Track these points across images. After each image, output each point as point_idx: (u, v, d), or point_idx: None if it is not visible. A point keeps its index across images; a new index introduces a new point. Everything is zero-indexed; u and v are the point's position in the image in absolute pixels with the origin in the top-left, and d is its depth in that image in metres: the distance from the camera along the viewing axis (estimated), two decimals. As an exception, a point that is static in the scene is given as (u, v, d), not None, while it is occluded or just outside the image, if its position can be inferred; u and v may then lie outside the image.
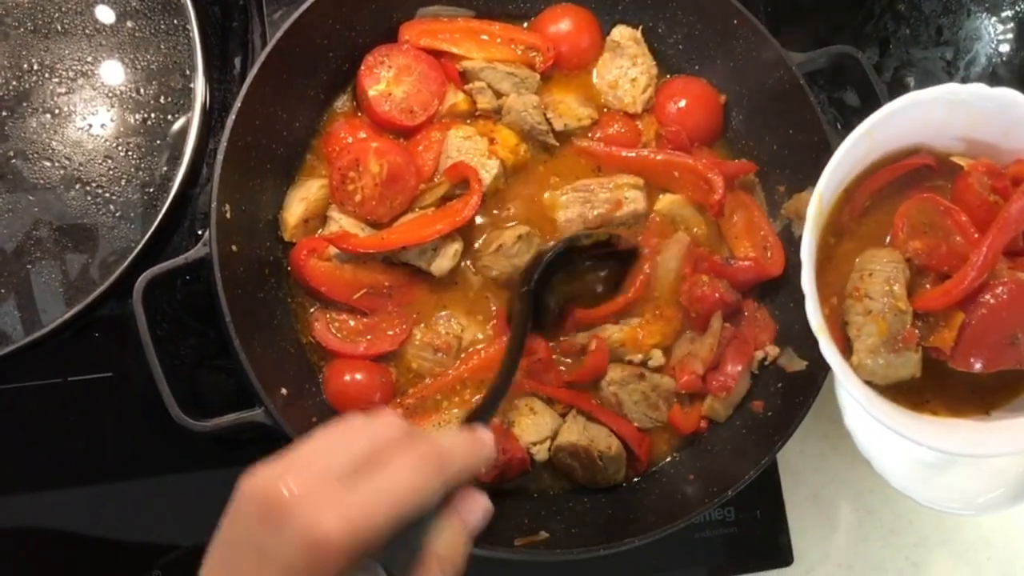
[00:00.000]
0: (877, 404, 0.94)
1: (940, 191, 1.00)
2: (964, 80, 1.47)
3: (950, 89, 0.95)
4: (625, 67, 1.34)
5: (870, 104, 1.27)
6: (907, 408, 0.97)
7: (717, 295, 1.22)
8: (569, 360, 1.26)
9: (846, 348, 0.98)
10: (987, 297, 0.91)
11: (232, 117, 1.13)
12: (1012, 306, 0.90)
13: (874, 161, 1.01)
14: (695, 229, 1.30)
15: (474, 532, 0.78)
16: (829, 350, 0.93)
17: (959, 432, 0.95)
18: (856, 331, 0.97)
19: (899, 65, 1.47)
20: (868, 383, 0.97)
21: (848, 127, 1.42)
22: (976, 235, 0.94)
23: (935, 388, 0.98)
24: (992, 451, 0.95)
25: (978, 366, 0.93)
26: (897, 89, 1.46)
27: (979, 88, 0.95)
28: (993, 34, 1.47)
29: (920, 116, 0.97)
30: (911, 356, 0.95)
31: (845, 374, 0.94)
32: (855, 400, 0.93)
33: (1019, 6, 1.47)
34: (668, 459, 1.28)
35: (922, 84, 1.47)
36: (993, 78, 1.47)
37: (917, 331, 0.94)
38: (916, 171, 1.02)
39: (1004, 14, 1.48)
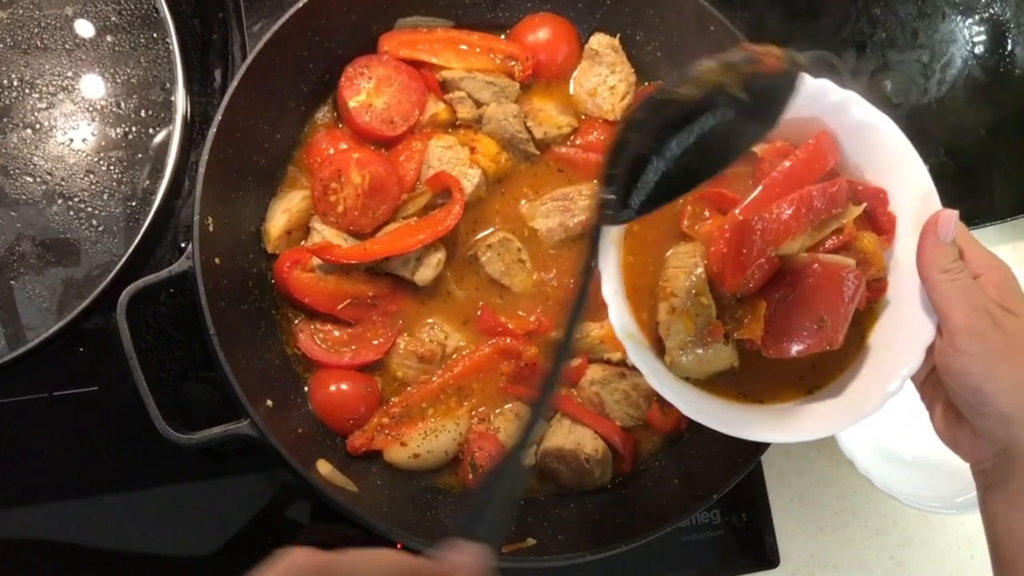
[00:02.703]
0: (692, 402, 0.94)
1: (740, 180, 0.99)
2: (940, 83, 1.48)
3: None
4: (604, 75, 1.35)
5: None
6: (732, 399, 0.97)
7: None
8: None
9: (662, 350, 0.98)
10: (788, 283, 0.91)
11: (213, 130, 1.13)
12: (815, 290, 0.90)
13: None
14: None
15: None
16: (635, 353, 0.93)
17: (781, 418, 0.95)
18: (665, 331, 0.96)
19: (876, 68, 1.48)
20: (688, 379, 0.97)
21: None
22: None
23: (756, 376, 0.98)
24: (809, 436, 0.94)
25: (790, 352, 0.92)
26: (874, 92, 1.47)
27: None
28: (968, 36, 1.49)
29: None
30: (722, 348, 0.96)
31: (655, 375, 0.94)
32: (668, 399, 0.93)
33: (993, 9, 1.48)
34: (653, 461, 1.28)
35: (899, 87, 1.49)
36: (968, 80, 1.48)
37: (723, 324, 0.95)
38: None
39: (978, 16, 1.49)
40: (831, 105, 0.95)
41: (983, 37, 1.49)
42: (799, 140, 0.97)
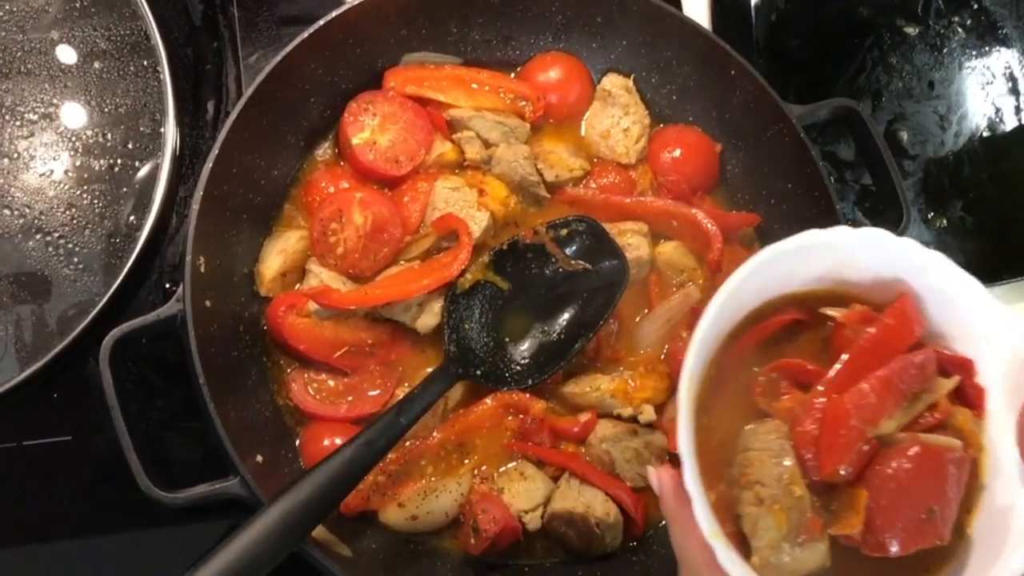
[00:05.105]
0: None
1: (814, 345, 0.89)
2: (957, 135, 1.45)
3: (811, 236, 0.86)
4: (617, 116, 1.31)
5: (869, 157, 1.24)
6: None
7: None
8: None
9: (742, 544, 0.83)
10: (890, 469, 0.80)
11: (208, 165, 1.08)
12: (920, 475, 0.80)
13: (740, 322, 0.89)
14: (694, 281, 1.26)
15: None
16: (727, 558, 0.77)
17: None
18: (751, 526, 0.83)
19: (892, 118, 1.45)
20: None
21: (842, 181, 1.41)
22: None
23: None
24: None
25: (894, 549, 0.80)
26: (891, 142, 1.43)
27: (842, 231, 0.86)
28: (985, 88, 1.46)
29: (784, 268, 0.87)
30: (816, 547, 0.82)
31: None
32: None
33: (1009, 61, 1.46)
34: (663, 524, 1.21)
35: (915, 138, 1.45)
36: (985, 132, 1.45)
37: (820, 517, 0.83)
38: (787, 327, 0.91)
39: (995, 69, 1.47)
40: (914, 266, 0.87)
41: (1000, 89, 1.46)
42: (880, 303, 0.88)
